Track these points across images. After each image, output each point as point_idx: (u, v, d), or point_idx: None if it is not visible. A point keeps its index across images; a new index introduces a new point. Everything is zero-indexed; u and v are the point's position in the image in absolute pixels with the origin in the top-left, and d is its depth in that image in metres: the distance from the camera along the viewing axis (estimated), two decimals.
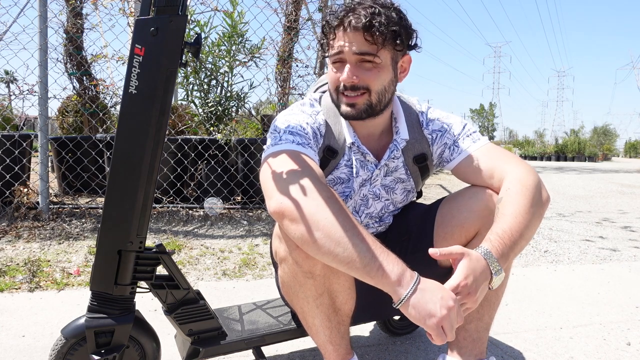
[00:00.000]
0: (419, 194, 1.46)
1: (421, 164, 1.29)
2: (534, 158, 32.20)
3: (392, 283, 0.93)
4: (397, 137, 1.23)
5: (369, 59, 1.10)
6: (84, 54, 4.59)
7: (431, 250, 0.97)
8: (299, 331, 1.34)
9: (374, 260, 0.93)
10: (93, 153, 3.85)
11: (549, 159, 31.71)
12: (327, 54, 1.18)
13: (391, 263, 0.94)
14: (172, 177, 3.78)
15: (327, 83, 1.38)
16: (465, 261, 0.96)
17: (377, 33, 1.07)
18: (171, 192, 3.79)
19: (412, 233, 1.31)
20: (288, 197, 0.97)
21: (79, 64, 4.55)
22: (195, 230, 3.41)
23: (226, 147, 3.87)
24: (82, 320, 1.10)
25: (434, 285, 0.95)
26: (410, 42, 1.16)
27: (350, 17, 1.08)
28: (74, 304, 1.98)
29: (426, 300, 0.92)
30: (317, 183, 1.00)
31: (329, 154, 1.21)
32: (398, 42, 1.11)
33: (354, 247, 0.93)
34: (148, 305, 1.94)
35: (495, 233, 1.03)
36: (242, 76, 5.89)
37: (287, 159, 1.06)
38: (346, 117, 1.17)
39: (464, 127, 1.27)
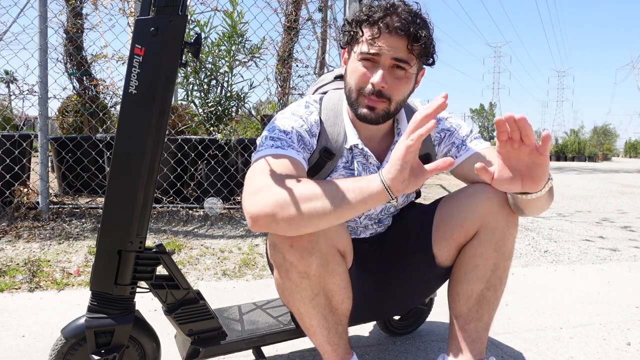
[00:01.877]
0: (418, 194, 1.46)
1: (425, 164, 1.29)
2: None
3: (372, 189, 0.93)
4: (399, 139, 1.23)
5: (405, 67, 1.09)
6: (84, 54, 4.59)
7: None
8: (299, 331, 1.34)
9: (351, 190, 0.94)
10: (93, 153, 3.84)
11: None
12: (352, 47, 1.15)
13: (363, 180, 0.95)
14: (172, 177, 3.78)
15: (328, 83, 1.38)
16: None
17: (423, 46, 1.08)
18: (171, 192, 3.78)
19: (410, 234, 1.31)
20: (256, 207, 0.97)
21: (79, 64, 4.55)
22: (195, 230, 3.41)
23: (226, 147, 3.87)
24: (82, 320, 1.10)
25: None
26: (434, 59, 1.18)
27: (395, 20, 1.06)
28: (74, 304, 1.98)
29: (393, 166, 0.92)
30: (277, 177, 1.00)
31: (326, 156, 1.20)
32: (430, 57, 1.13)
33: (330, 193, 0.94)
34: (148, 305, 1.94)
35: None
36: (242, 76, 5.89)
37: (260, 166, 1.05)
38: (364, 119, 1.15)
39: (471, 131, 1.29)
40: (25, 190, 3.47)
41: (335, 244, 1.11)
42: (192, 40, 1.05)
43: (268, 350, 1.54)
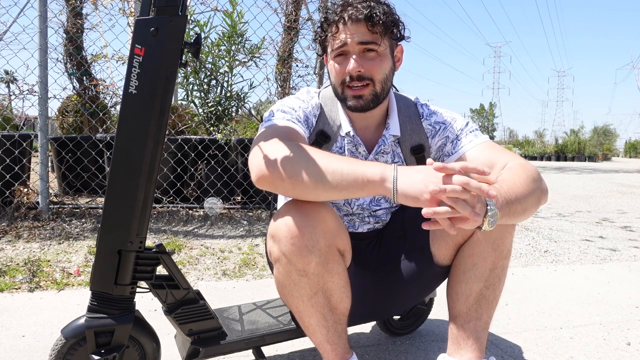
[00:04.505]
0: None
1: (418, 154, 1.30)
2: (534, 158, 32.18)
3: (378, 184, 0.98)
4: (386, 133, 1.28)
5: (373, 47, 1.15)
6: (84, 54, 4.59)
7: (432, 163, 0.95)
8: (299, 331, 1.34)
9: (354, 173, 0.99)
10: (93, 153, 3.85)
11: (549, 159, 31.69)
12: (326, 51, 1.23)
13: (370, 167, 1.00)
14: (172, 177, 3.78)
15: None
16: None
17: (380, 22, 1.14)
18: (171, 192, 3.79)
19: (408, 232, 1.31)
20: (264, 161, 1.03)
21: (79, 64, 4.55)
22: (195, 230, 3.41)
23: (226, 147, 3.87)
24: (82, 320, 1.10)
25: (413, 167, 1.00)
26: (402, 33, 1.24)
27: (350, 11, 1.14)
28: (74, 304, 1.98)
29: (412, 182, 0.96)
30: (288, 143, 1.06)
31: (322, 139, 1.26)
32: (395, 31, 1.19)
33: (335, 171, 0.99)
34: (148, 305, 1.94)
35: (498, 186, 1.02)
36: (242, 76, 5.89)
37: (270, 133, 1.12)
38: (354, 109, 1.21)
39: (466, 124, 1.29)
40: (25, 190, 3.47)
41: (335, 243, 1.11)
42: (192, 40, 1.05)
43: (268, 350, 1.54)
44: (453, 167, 0.92)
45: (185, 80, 4.25)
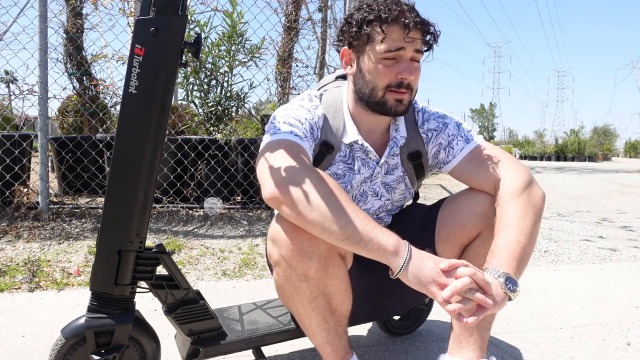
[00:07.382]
0: (416, 196, 1.46)
1: (415, 161, 1.29)
2: (534, 158, 32.16)
3: (389, 254, 0.98)
4: (397, 135, 1.24)
5: (419, 57, 1.15)
6: (84, 54, 4.59)
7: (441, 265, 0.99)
8: (299, 331, 1.34)
9: (368, 234, 0.98)
10: (93, 153, 3.85)
11: (549, 159, 31.65)
12: (356, 46, 1.16)
13: (385, 235, 0.99)
14: (172, 177, 3.78)
15: (329, 83, 1.39)
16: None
17: (435, 35, 1.14)
18: (171, 192, 3.79)
19: (413, 233, 1.31)
20: (282, 183, 0.99)
21: (79, 64, 4.56)
22: (195, 230, 3.41)
23: (226, 147, 3.87)
24: (82, 320, 1.10)
25: (424, 253, 1.01)
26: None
27: (413, 16, 1.10)
28: (74, 304, 1.98)
29: (422, 267, 0.98)
30: (308, 168, 1.03)
31: (325, 149, 1.22)
32: (432, 48, 1.18)
33: (349, 224, 0.97)
34: (148, 305, 1.94)
35: (504, 247, 1.05)
36: (242, 76, 5.89)
37: (282, 148, 1.08)
38: (394, 113, 1.17)
39: (458, 128, 1.27)
40: (25, 190, 3.47)
41: (335, 247, 1.10)
42: (192, 40, 1.05)
43: (268, 350, 1.54)
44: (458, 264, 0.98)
45: (185, 80, 4.25)
